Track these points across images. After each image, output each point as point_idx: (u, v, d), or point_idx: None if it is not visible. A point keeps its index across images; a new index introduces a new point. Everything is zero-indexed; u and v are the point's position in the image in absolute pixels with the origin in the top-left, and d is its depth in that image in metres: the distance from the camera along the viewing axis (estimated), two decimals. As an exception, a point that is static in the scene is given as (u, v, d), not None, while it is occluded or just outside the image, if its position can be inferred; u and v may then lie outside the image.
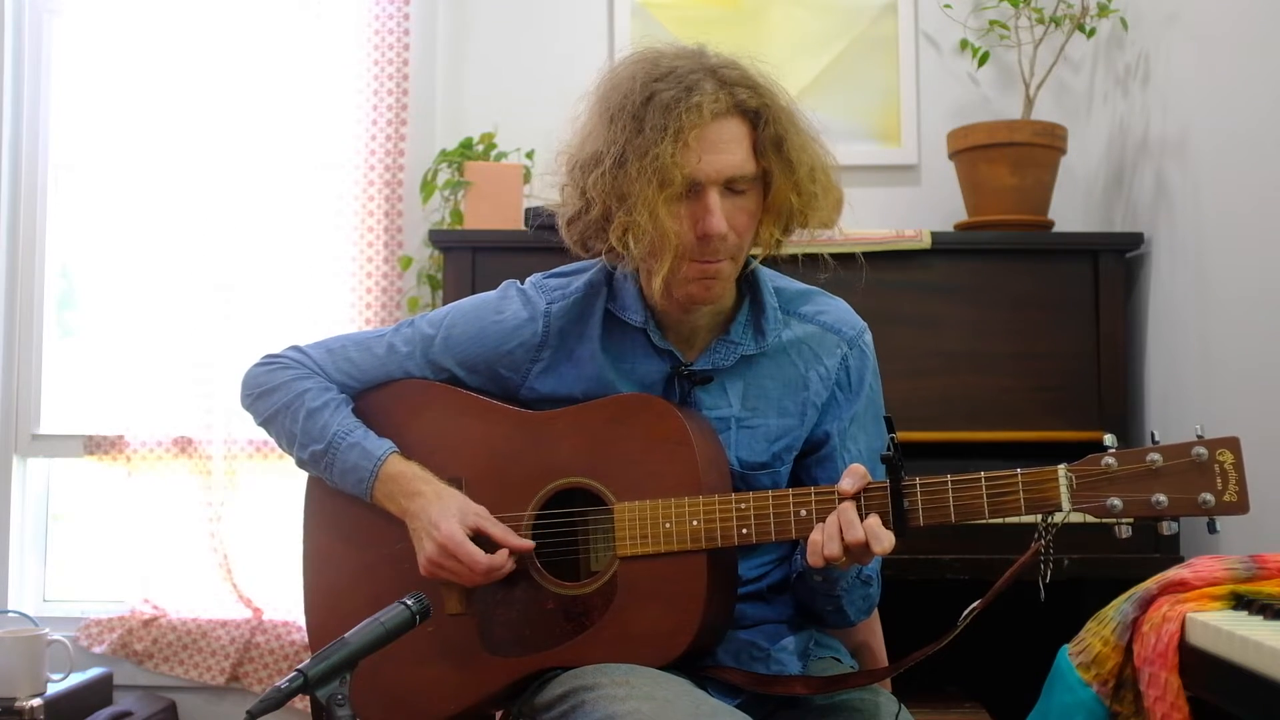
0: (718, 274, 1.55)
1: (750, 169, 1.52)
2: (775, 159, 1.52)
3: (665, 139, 1.47)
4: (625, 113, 1.51)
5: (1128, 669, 1.37)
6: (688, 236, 1.51)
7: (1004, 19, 2.91)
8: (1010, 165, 2.74)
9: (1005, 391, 2.61)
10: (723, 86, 1.50)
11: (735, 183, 1.51)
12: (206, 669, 3.02)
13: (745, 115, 1.52)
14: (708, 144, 1.49)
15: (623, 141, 1.50)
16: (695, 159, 1.48)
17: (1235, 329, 2.32)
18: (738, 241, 1.54)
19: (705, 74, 1.51)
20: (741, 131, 1.51)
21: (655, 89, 1.50)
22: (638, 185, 1.48)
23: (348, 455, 1.66)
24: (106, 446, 3.10)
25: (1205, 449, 1.34)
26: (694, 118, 1.47)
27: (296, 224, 3.10)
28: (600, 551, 1.60)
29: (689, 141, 1.47)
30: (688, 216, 1.51)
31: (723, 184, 1.51)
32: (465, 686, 1.61)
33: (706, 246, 1.52)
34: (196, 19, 3.09)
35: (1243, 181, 2.30)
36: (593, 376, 1.65)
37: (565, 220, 1.60)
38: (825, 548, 1.42)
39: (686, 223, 1.51)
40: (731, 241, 1.53)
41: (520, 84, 3.10)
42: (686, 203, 1.51)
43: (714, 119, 1.49)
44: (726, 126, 1.50)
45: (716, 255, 1.53)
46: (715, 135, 1.49)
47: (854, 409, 1.65)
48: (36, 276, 3.23)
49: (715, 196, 1.50)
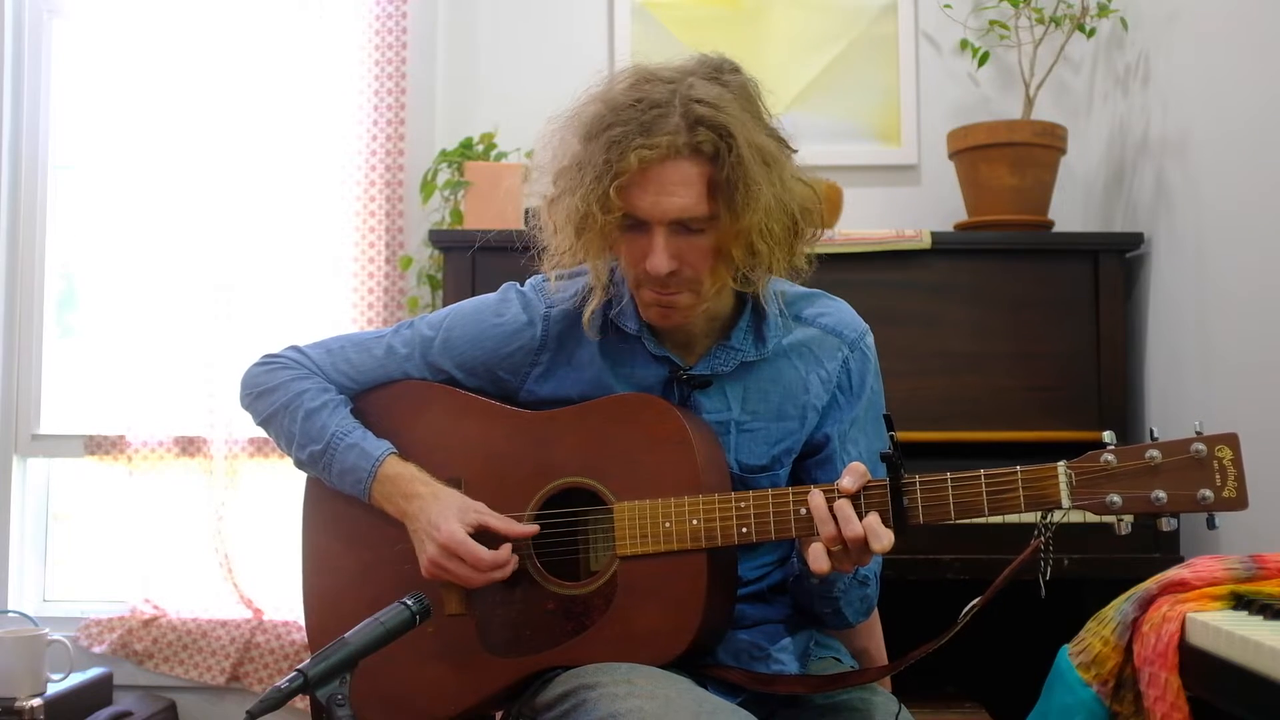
0: (673, 304, 1.55)
1: (701, 210, 1.48)
2: (724, 205, 1.48)
3: (595, 179, 1.46)
4: (585, 137, 1.51)
5: (1128, 669, 1.37)
6: (639, 268, 1.52)
7: (1004, 19, 2.91)
8: (1010, 165, 2.74)
9: (1005, 391, 2.61)
10: (686, 125, 1.46)
11: (687, 222, 1.49)
12: (206, 669, 3.02)
13: (701, 156, 1.47)
14: (653, 185, 1.47)
15: (571, 169, 1.51)
16: (631, 200, 1.47)
17: (1235, 328, 2.32)
18: (694, 275, 1.52)
19: (676, 107, 1.47)
20: (694, 173, 1.47)
21: (612, 120, 1.48)
22: (564, 217, 1.51)
23: (346, 456, 1.66)
24: (107, 446, 3.10)
25: (1204, 445, 1.35)
26: (625, 164, 1.45)
27: (296, 224, 3.09)
28: (600, 551, 1.60)
29: (612, 189, 1.45)
30: (636, 251, 1.52)
31: (670, 223, 1.49)
32: (465, 687, 1.61)
33: (655, 280, 1.51)
34: (196, 20, 3.09)
35: (1243, 181, 2.30)
36: (591, 380, 1.65)
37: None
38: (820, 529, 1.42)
39: (634, 257, 1.52)
40: (686, 275, 1.52)
41: (520, 84, 3.10)
42: (635, 236, 1.51)
43: (649, 164, 1.46)
44: (678, 168, 1.47)
45: (667, 288, 1.53)
46: (662, 176, 1.47)
47: (854, 412, 1.65)
48: (36, 276, 3.23)
49: (660, 237, 1.49)
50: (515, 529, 1.59)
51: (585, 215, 1.48)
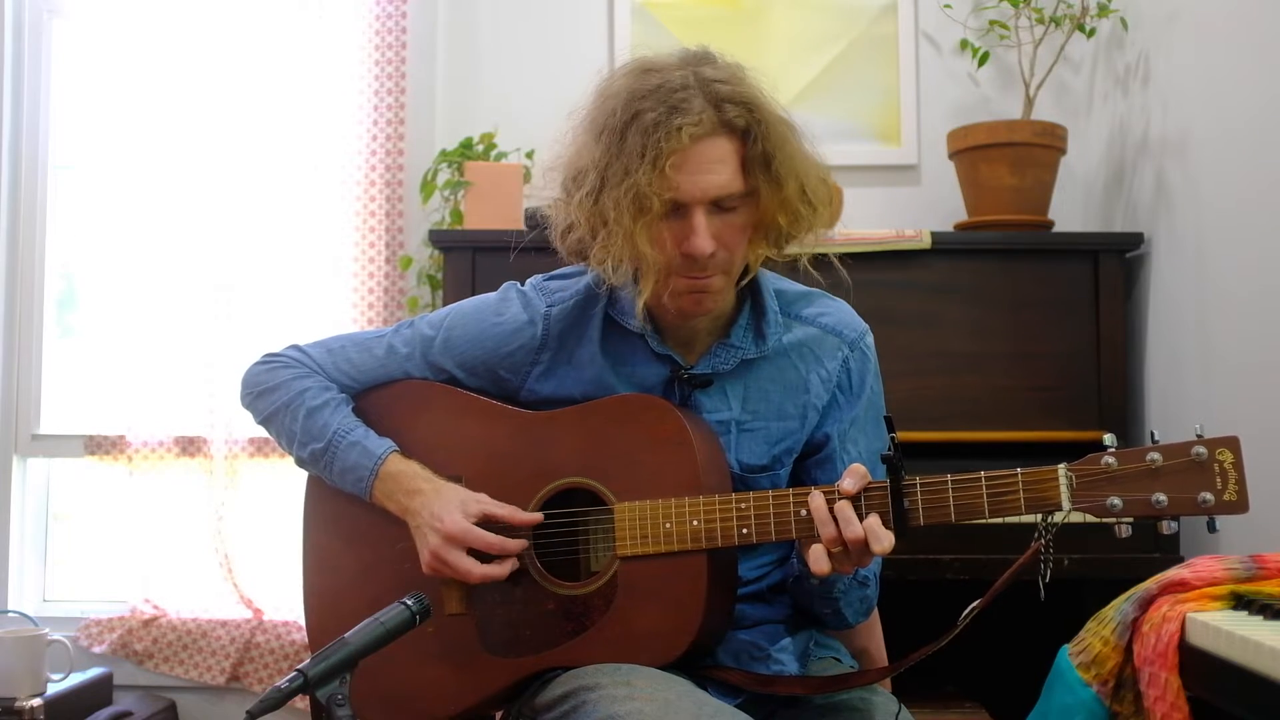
0: (707, 288, 1.55)
1: (738, 187, 1.50)
2: (763, 178, 1.50)
3: (644, 165, 1.46)
4: (610, 130, 1.50)
5: (1128, 669, 1.37)
6: (674, 254, 1.51)
7: (1004, 19, 2.91)
8: (1010, 165, 2.74)
9: (1005, 391, 2.61)
10: (711, 104, 1.48)
11: (723, 200, 1.50)
12: (206, 669, 3.02)
13: (733, 132, 1.49)
14: (692, 164, 1.47)
15: (604, 164, 1.50)
16: (677, 181, 1.47)
17: (1235, 328, 2.32)
18: (728, 256, 1.53)
19: (696, 89, 1.48)
20: (729, 150, 1.49)
21: (640, 107, 1.48)
22: (615, 212, 1.48)
23: (347, 454, 1.66)
24: (108, 446, 3.10)
25: (1205, 448, 1.34)
26: (674, 143, 1.45)
27: (296, 224, 3.09)
28: (600, 551, 1.60)
29: (667, 168, 1.46)
30: (674, 235, 1.51)
31: (709, 203, 1.50)
32: (465, 687, 1.61)
33: (694, 264, 1.51)
34: (196, 20, 3.09)
35: (1243, 181, 2.30)
36: (592, 379, 1.65)
37: (558, 233, 1.60)
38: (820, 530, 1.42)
39: (672, 241, 1.51)
40: (721, 257, 1.52)
41: (520, 84, 3.10)
42: (672, 221, 1.51)
43: (698, 140, 1.47)
44: (713, 146, 1.48)
45: (705, 271, 1.53)
46: (700, 155, 1.48)
47: (854, 411, 1.65)
48: (36, 276, 3.23)
49: (701, 217, 1.49)
50: (520, 516, 1.59)
51: (641, 199, 1.47)
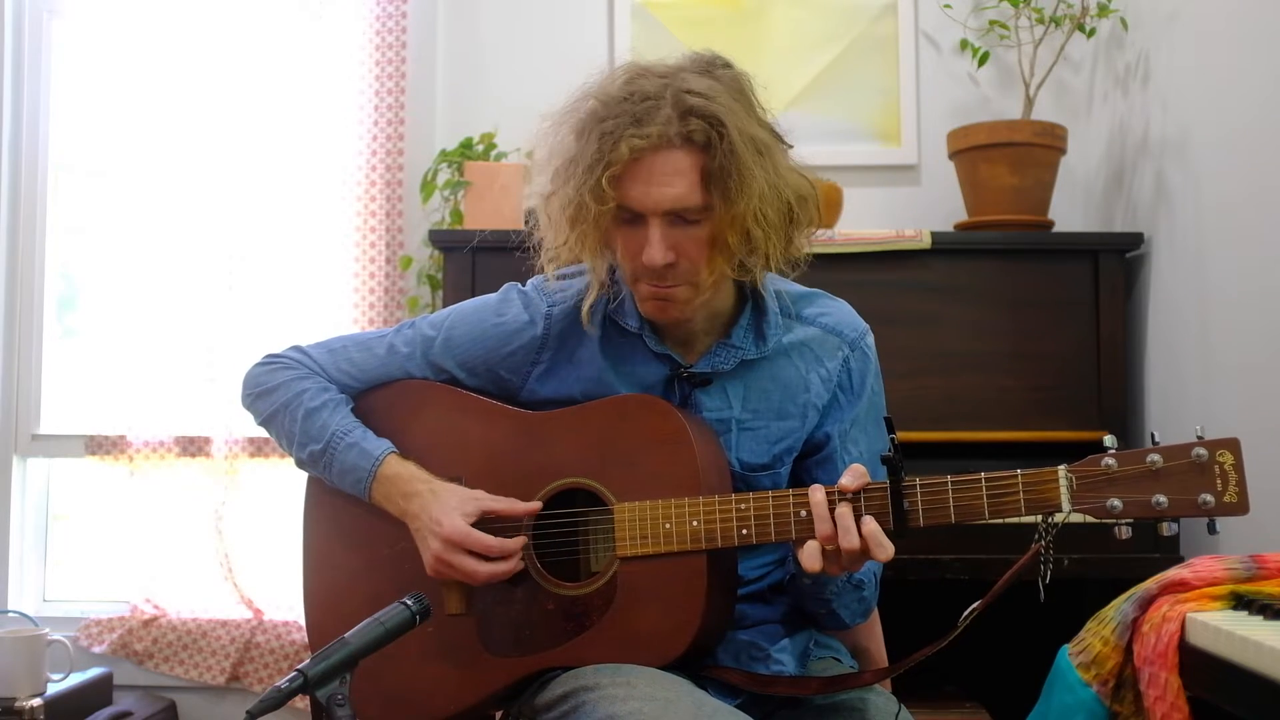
0: (670, 297, 1.54)
1: (695, 200, 1.48)
2: (718, 194, 1.48)
3: (586, 173, 1.47)
4: (577, 132, 1.51)
5: (1128, 669, 1.37)
6: (635, 261, 1.52)
7: (1004, 19, 2.91)
8: (1010, 165, 2.74)
9: (1005, 391, 2.61)
10: (678, 115, 1.47)
11: (683, 212, 1.49)
12: (206, 669, 3.02)
13: (694, 146, 1.48)
14: (645, 175, 1.48)
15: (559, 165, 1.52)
16: (630, 191, 1.48)
17: (1235, 329, 2.32)
18: (690, 268, 1.52)
19: (667, 100, 1.47)
20: (688, 163, 1.48)
21: (605, 113, 1.48)
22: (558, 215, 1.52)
23: (346, 455, 1.66)
24: (108, 446, 3.10)
25: (1205, 450, 1.35)
26: (616, 154, 1.45)
27: (296, 224, 3.10)
28: (600, 552, 1.60)
29: (605, 180, 1.46)
30: (632, 244, 1.52)
31: (666, 214, 1.49)
32: (465, 687, 1.61)
33: (653, 273, 1.52)
34: (196, 20, 3.09)
35: (1242, 181, 2.30)
36: (593, 379, 1.65)
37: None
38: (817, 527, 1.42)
39: (632, 250, 1.52)
40: (684, 268, 1.52)
41: (520, 84, 3.10)
42: (631, 230, 1.51)
43: (644, 153, 1.46)
44: (671, 158, 1.47)
45: (664, 281, 1.53)
46: (656, 166, 1.47)
47: (855, 411, 1.65)
48: (36, 277, 3.23)
49: (655, 228, 1.49)
50: (518, 508, 1.59)
51: (579, 207, 1.49)
